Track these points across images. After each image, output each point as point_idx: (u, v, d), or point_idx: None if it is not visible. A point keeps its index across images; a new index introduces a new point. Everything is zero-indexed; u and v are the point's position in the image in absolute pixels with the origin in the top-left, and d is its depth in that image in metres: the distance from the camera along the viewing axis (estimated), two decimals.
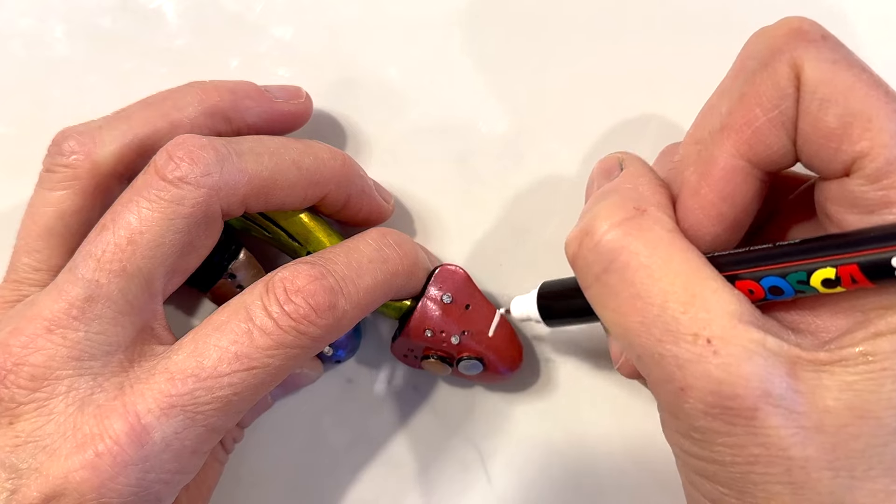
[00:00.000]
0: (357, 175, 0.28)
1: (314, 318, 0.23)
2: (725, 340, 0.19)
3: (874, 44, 0.31)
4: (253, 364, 0.23)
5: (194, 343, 0.23)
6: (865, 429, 0.19)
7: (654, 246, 0.21)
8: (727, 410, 0.19)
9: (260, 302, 0.23)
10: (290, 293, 0.23)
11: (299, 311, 0.23)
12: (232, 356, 0.23)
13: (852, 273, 0.19)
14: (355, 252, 0.26)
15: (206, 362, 0.23)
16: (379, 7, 0.32)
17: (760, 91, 0.21)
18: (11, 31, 0.32)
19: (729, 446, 0.20)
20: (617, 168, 0.25)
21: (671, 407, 0.21)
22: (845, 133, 0.20)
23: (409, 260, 0.27)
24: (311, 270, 0.24)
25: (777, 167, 0.21)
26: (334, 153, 0.28)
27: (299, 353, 0.24)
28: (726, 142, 0.21)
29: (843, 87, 0.20)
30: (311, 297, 0.23)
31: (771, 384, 0.19)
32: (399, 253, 0.27)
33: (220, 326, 0.23)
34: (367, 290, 0.25)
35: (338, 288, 0.24)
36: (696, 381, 0.20)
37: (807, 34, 0.21)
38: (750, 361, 0.19)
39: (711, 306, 0.20)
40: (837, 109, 0.20)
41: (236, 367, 0.23)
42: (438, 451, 0.31)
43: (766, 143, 0.21)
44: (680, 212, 0.23)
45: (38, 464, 0.22)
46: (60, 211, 0.25)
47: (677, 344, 0.20)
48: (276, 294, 0.23)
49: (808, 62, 0.20)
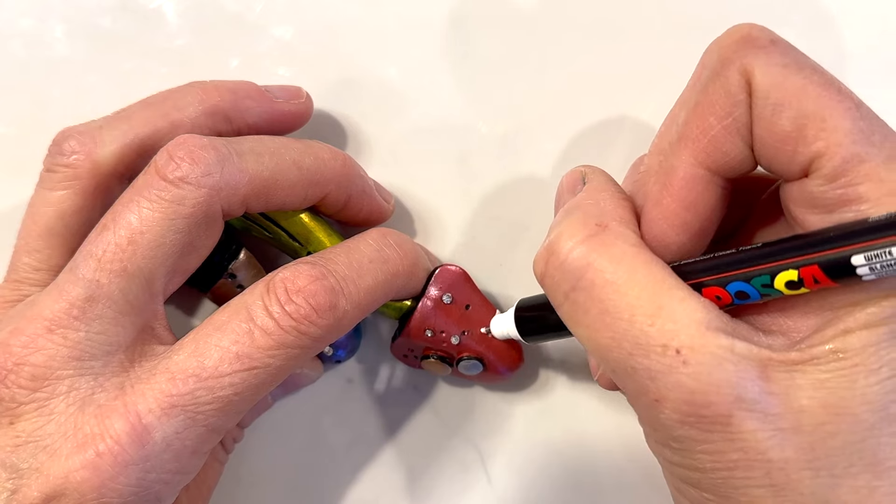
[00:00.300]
0: (357, 175, 0.28)
1: (315, 318, 0.24)
2: (694, 349, 0.19)
3: (867, 43, 0.31)
4: (254, 364, 0.23)
5: (195, 343, 0.23)
6: (842, 426, 0.19)
7: (618, 261, 0.21)
8: (702, 419, 0.19)
9: (261, 302, 0.23)
10: (291, 293, 0.23)
11: (300, 311, 0.23)
12: (233, 356, 0.23)
13: (814, 274, 0.19)
14: (356, 252, 0.26)
15: (207, 362, 0.23)
16: (379, 7, 0.32)
17: (713, 100, 0.21)
18: (11, 31, 0.32)
19: (708, 453, 0.20)
20: (580, 182, 0.25)
21: (648, 419, 0.21)
22: (800, 135, 0.20)
23: (409, 260, 0.27)
24: (311, 270, 0.24)
25: (737, 173, 0.22)
26: (335, 153, 0.28)
27: (300, 353, 0.24)
28: (684, 151, 0.21)
29: (795, 90, 0.20)
30: (311, 298, 0.24)
31: (743, 389, 0.19)
32: (399, 253, 0.27)
33: (221, 326, 0.23)
34: (367, 290, 0.25)
35: (339, 288, 0.24)
36: (669, 391, 0.20)
37: (756, 40, 0.21)
38: (720, 368, 0.19)
39: (678, 316, 0.20)
40: (790, 112, 0.20)
41: (237, 367, 0.23)
42: (438, 451, 0.31)
43: (723, 151, 0.21)
44: (644, 223, 0.23)
45: (39, 464, 0.22)
46: (61, 211, 0.25)
47: (648, 356, 0.20)
48: (276, 294, 0.23)
49: (758, 68, 0.20)
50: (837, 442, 0.19)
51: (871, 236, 0.18)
